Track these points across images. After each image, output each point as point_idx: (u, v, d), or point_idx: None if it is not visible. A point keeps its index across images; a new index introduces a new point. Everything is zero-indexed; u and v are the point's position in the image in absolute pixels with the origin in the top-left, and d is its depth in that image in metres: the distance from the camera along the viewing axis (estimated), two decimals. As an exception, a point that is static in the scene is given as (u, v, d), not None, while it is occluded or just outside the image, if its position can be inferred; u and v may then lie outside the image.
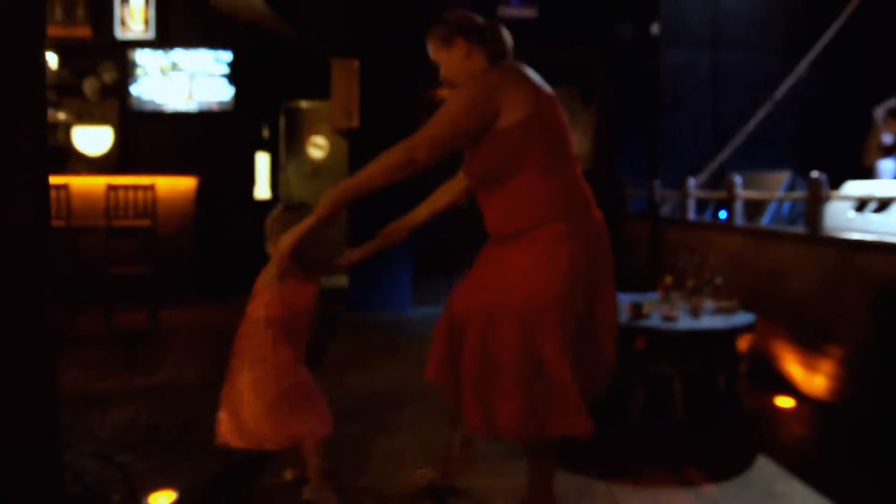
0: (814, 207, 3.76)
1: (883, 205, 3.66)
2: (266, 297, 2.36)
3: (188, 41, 7.07)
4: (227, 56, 7.10)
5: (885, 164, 5.01)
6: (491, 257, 2.20)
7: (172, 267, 6.08)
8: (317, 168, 8.33)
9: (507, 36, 2.25)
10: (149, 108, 7.07)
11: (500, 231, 2.16)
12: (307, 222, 2.21)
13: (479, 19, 2.23)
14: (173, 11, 7.07)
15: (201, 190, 6.56)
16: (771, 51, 6.76)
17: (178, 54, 7.06)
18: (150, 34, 7.03)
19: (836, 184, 4.25)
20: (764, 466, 2.84)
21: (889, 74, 5.49)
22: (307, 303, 2.41)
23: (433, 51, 2.25)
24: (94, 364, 4.33)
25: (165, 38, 7.06)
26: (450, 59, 2.22)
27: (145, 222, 5.60)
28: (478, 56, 2.20)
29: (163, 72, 7.06)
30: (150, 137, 7.05)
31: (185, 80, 7.09)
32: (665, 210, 5.82)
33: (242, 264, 7.07)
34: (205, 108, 7.12)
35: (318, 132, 8.26)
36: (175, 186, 6.40)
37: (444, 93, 2.28)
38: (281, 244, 2.28)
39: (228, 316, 2.30)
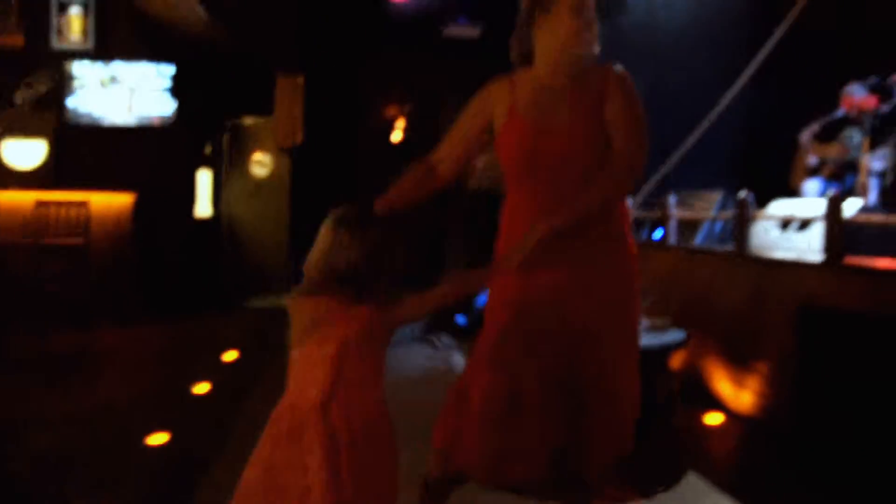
0: (741, 227, 3.89)
1: (804, 224, 3.82)
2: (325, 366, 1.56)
3: (129, 53, 6.91)
4: (170, 70, 6.97)
5: (809, 185, 5.22)
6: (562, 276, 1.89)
7: (107, 286, 5.90)
8: (260, 185, 8.22)
9: None
10: (86, 121, 6.87)
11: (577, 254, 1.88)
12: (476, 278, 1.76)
13: None
14: (114, 23, 6.92)
15: (139, 207, 6.40)
16: (707, 73, 6.98)
17: (118, 67, 6.90)
18: (89, 45, 6.85)
19: (766, 203, 4.41)
20: (693, 482, 2.90)
21: (818, 98, 5.73)
22: None
23: (594, 8, 1.96)
24: (19, 389, 4.16)
25: (105, 49, 6.89)
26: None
27: (77, 240, 5.44)
28: None
29: (102, 84, 6.89)
30: (86, 152, 6.83)
31: (126, 93, 6.93)
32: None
33: (181, 282, 6.94)
34: (145, 122, 6.97)
35: (261, 149, 8.16)
36: (111, 203, 6.23)
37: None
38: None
39: (167, 336, 2.18)
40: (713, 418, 3.72)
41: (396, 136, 9.18)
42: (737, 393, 3.79)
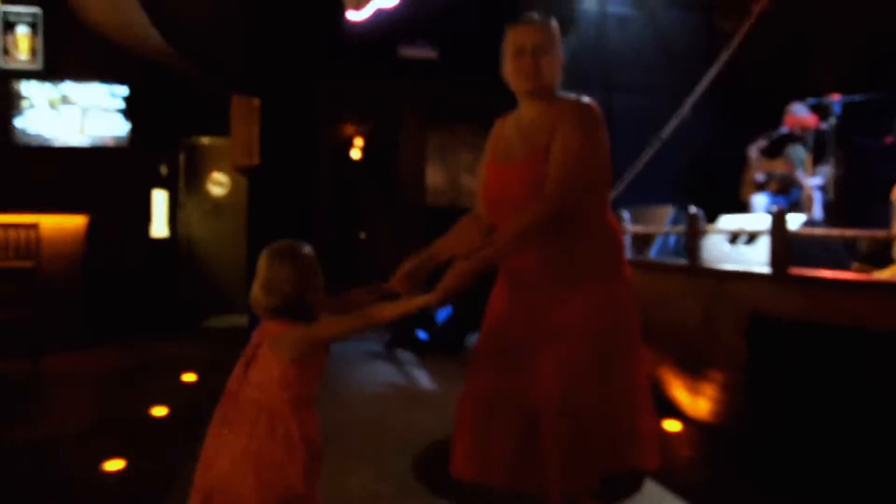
0: (692, 240, 4.02)
1: (751, 237, 3.96)
2: (275, 370, 1.80)
3: (80, 74, 6.81)
4: (123, 90, 6.89)
5: (757, 199, 5.42)
6: (544, 304, 1.98)
7: (58, 310, 5.74)
8: (217, 205, 8.13)
9: None
10: (35, 142, 6.73)
11: (558, 274, 1.97)
12: (422, 301, 1.84)
13: None
14: (64, 43, 6.81)
15: (93, 229, 6.27)
16: (658, 93, 7.19)
17: (69, 87, 6.79)
18: (38, 65, 6.73)
19: (715, 217, 4.56)
20: (652, 490, 2.96)
21: (764, 114, 5.97)
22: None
23: (551, 42, 2.04)
24: (-34, 417, 4.02)
25: (55, 69, 6.77)
26: (555, 61, 2.05)
27: (27, 263, 5.29)
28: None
29: (51, 104, 6.76)
30: (36, 173, 6.69)
31: (77, 113, 6.81)
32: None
33: (137, 304, 6.80)
34: (98, 143, 6.86)
35: (218, 169, 8.09)
36: (63, 225, 6.08)
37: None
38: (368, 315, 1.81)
39: (123, 359, 2.13)
40: (671, 425, 3.81)
41: (355, 155, 9.21)
42: (693, 400, 3.88)
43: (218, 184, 8.13)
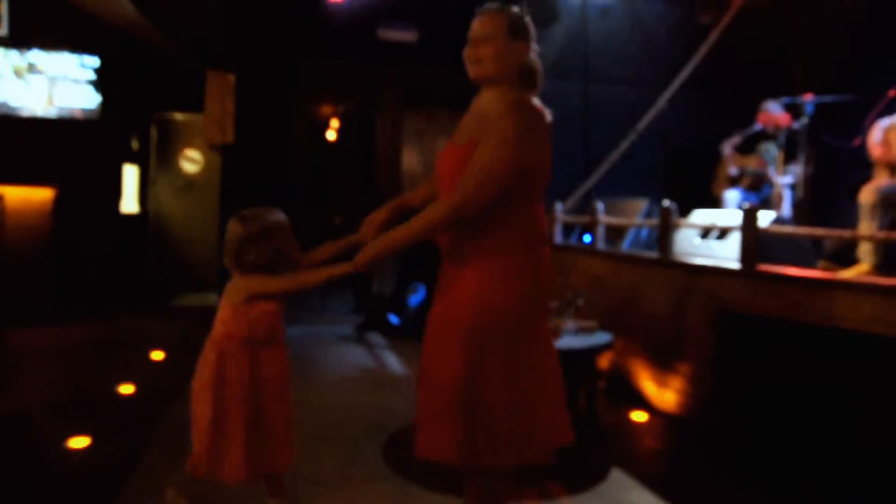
0: (664, 234, 4.07)
1: (723, 233, 4.02)
2: (226, 312, 2.21)
3: (48, 42, 6.61)
4: (94, 61, 6.71)
5: (730, 195, 5.49)
6: (448, 277, 2.03)
7: (24, 283, 5.62)
8: (190, 182, 7.99)
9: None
10: (0, 111, 6.54)
11: (462, 251, 1.97)
12: (340, 270, 2.06)
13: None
14: (31, 9, 6.59)
15: (60, 202, 6.13)
16: (637, 85, 7.23)
17: (37, 55, 6.58)
18: (3, 31, 6.51)
19: (689, 211, 4.62)
20: (618, 478, 3.02)
21: (738, 110, 6.04)
22: (269, 324, 2.24)
23: (494, 27, 1.98)
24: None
25: (21, 36, 6.56)
26: (505, 49, 1.96)
27: (-9, 236, 5.17)
28: (523, 66, 2.01)
29: (17, 73, 6.56)
30: (1, 143, 6.51)
31: (45, 83, 6.63)
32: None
33: (105, 280, 6.69)
34: (66, 114, 6.68)
35: (192, 145, 7.94)
36: (28, 197, 5.93)
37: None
38: (284, 281, 2.17)
39: (87, 334, 2.13)
40: (638, 416, 3.87)
41: (331, 137, 9.12)
42: (661, 392, 3.95)
43: (191, 160, 7.99)
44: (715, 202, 5.65)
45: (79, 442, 3.11)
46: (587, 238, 5.44)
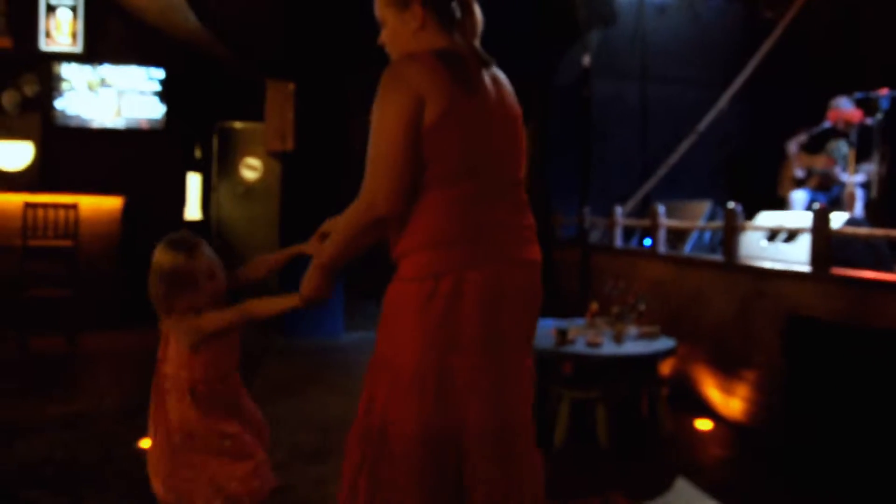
0: (729, 237, 3.95)
1: (791, 235, 3.87)
2: (183, 359, 2.03)
3: (118, 57, 6.89)
4: (160, 73, 6.96)
5: (796, 196, 5.30)
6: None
7: (95, 289, 5.85)
8: (250, 189, 8.20)
9: (478, 15, 1.76)
10: (74, 123, 6.83)
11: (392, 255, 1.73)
12: (291, 303, 1.94)
13: None
14: (103, 26, 6.89)
15: (128, 210, 6.37)
16: (696, 85, 7.06)
17: (108, 70, 6.87)
18: (78, 48, 6.82)
19: (753, 213, 4.47)
20: (683, 488, 2.94)
21: (803, 108, 5.82)
22: (232, 361, 2.11)
23: (380, 6, 1.73)
24: (6, 391, 4.12)
25: (94, 52, 6.86)
26: (397, 24, 1.70)
27: (66, 243, 5.40)
28: (432, 32, 1.67)
29: (90, 87, 6.85)
30: (74, 154, 6.80)
31: (114, 96, 6.90)
32: (594, 237, 5.98)
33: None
34: (134, 125, 6.94)
35: (251, 153, 8.15)
36: (100, 206, 6.18)
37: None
38: (223, 316, 2.02)
39: (153, 340, 2.20)
40: (703, 424, 3.76)
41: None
42: (726, 400, 3.83)
43: (251, 168, 8.19)
44: (780, 204, 5.46)
45: (148, 443, 3.20)
46: (648, 241, 5.33)
